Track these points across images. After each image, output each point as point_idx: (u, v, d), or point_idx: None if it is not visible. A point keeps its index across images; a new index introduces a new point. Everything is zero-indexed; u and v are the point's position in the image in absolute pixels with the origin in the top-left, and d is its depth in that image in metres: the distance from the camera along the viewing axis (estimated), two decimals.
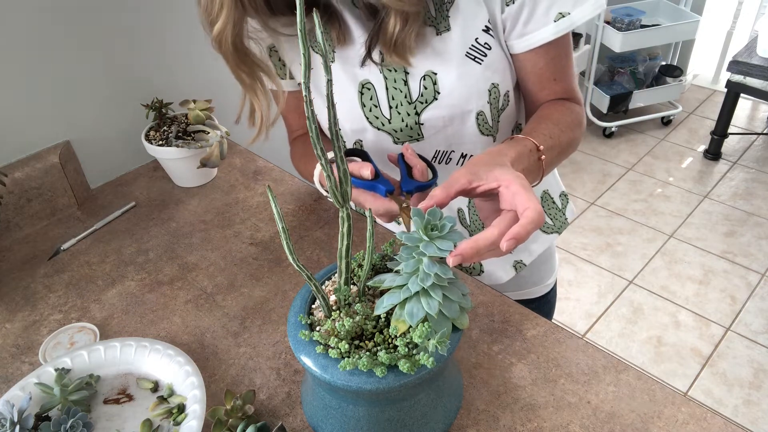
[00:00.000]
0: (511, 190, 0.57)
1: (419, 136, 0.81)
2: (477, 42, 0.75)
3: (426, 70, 0.76)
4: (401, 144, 0.82)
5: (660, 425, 0.66)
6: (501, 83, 0.79)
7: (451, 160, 0.85)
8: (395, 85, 0.78)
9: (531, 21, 0.74)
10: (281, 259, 0.92)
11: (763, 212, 2.62)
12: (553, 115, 0.78)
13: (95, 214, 1.04)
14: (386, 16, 0.71)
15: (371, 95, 0.80)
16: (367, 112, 0.81)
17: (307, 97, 0.50)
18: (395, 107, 0.79)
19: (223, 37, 0.71)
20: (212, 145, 1.04)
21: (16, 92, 0.97)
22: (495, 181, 0.58)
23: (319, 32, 0.48)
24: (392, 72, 0.78)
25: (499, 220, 0.56)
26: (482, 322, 0.79)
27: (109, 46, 1.05)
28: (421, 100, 0.78)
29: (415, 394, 0.59)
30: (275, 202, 0.53)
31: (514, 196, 0.56)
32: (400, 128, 0.81)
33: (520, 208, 0.55)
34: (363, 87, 0.80)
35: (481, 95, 0.77)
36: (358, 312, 0.58)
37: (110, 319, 0.83)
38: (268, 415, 0.69)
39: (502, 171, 0.59)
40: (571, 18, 0.74)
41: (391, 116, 0.80)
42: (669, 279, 2.33)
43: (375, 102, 0.80)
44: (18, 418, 0.63)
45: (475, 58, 0.75)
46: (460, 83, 0.76)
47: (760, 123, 3.23)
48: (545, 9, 0.73)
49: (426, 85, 0.77)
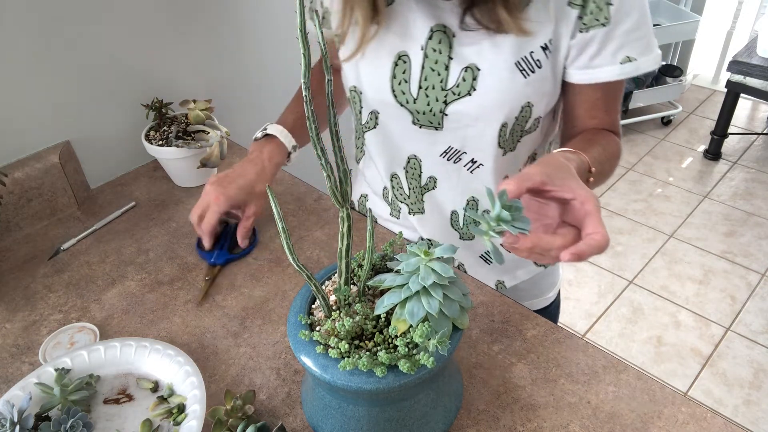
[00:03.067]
0: (585, 208, 0.56)
1: (439, 126, 0.79)
2: (531, 55, 0.73)
3: (471, 62, 0.74)
4: (419, 126, 0.80)
5: (660, 425, 0.66)
6: (536, 106, 0.77)
7: (460, 161, 0.83)
8: (434, 66, 0.75)
9: (598, 56, 0.73)
10: (281, 259, 0.92)
11: (763, 212, 2.62)
12: (601, 141, 0.78)
13: (95, 214, 1.04)
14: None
15: (405, 69, 0.77)
16: (395, 84, 0.78)
17: (307, 96, 0.50)
18: (425, 88, 0.77)
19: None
20: (212, 145, 1.04)
21: (16, 92, 0.97)
22: (570, 192, 0.57)
23: (319, 32, 0.48)
24: (436, 52, 0.75)
25: (566, 232, 0.57)
26: (482, 322, 0.79)
27: (109, 46, 1.05)
28: (454, 90, 0.76)
29: (415, 394, 0.59)
30: (275, 202, 0.53)
31: (585, 215, 0.56)
32: (423, 111, 0.78)
33: (589, 230, 0.55)
34: (399, 58, 0.77)
35: (513, 109, 0.75)
36: (358, 312, 0.58)
37: (110, 319, 0.83)
38: (268, 415, 0.69)
39: (579, 185, 0.58)
40: (637, 64, 0.73)
41: (418, 96, 0.78)
42: (669, 279, 2.33)
43: (406, 77, 0.77)
44: (18, 418, 0.63)
45: (523, 71, 0.73)
46: (499, 88, 0.74)
47: (760, 123, 3.23)
48: (615, 49, 0.72)
49: (465, 77, 0.74)
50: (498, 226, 0.53)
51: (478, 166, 0.82)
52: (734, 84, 2.67)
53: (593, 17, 0.70)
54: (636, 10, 0.71)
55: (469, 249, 0.92)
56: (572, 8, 0.71)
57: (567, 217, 0.59)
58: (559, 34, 0.72)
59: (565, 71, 0.76)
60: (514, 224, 0.53)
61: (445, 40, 0.74)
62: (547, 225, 0.61)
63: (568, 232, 0.57)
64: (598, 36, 0.71)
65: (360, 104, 0.85)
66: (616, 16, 0.70)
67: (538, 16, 0.71)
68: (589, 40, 0.72)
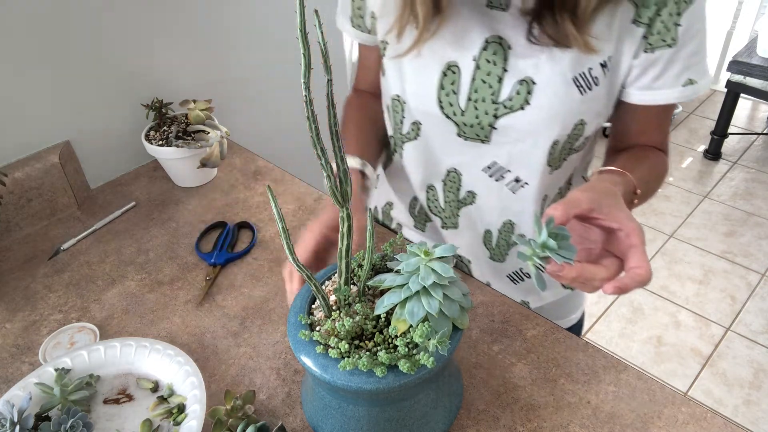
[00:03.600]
0: (630, 240, 0.56)
1: (486, 139, 0.76)
2: (589, 72, 0.70)
3: (526, 75, 0.71)
4: (464, 139, 0.77)
5: (660, 425, 0.66)
6: (588, 125, 0.74)
7: (503, 179, 0.79)
8: (486, 78, 0.72)
9: (661, 78, 0.71)
10: (281, 259, 0.92)
11: (763, 212, 2.62)
12: (650, 161, 0.76)
13: (95, 214, 1.04)
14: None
15: (454, 79, 0.74)
16: (442, 95, 0.75)
17: (307, 97, 0.49)
18: (474, 101, 0.74)
19: None
20: (212, 145, 1.04)
21: (16, 92, 0.97)
22: (617, 223, 0.57)
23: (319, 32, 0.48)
24: (489, 64, 0.72)
25: (610, 264, 0.56)
26: (482, 322, 0.79)
27: (109, 46, 1.05)
28: (507, 104, 0.72)
29: (415, 394, 0.59)
30: (275, 202, 0.53)
31: (630, 248, 0.56)
32: (471, 124, 0.75)
33: (633, 263, 0.55)
34: (449, 68, 0.74)
35: (566, 126, 0.73)
36: (358, 312, 0.58)
37: (110, 319, 0.83)
38: (268, 415, 0.69)
39: (626, 215, 0.57)
40: (697, 87, 0.71)
41: (466, 108, 0.75)
42: (669, 279, 2.33)
43: (455, 88, 0.74)
44: (18, 418, 0.63)
45: (580, 87, 0.70)
46: (554, 104, 0.71)
47: (760, 123, 3.23)
48: (678, 71, 0.70)
49: (519, 90, 0.71)
50: (543, 252, 0.53)
51: (522, 186, 0.79)
52: (734, 84, 2.67)
53: (660, 37, 0.68)
54: (701, 31, 0.69)
55: (497, 269, 0.90)
56: (637, 26, 0.68)
57: (610, 247, 0.58)
58: (621, 52, 0.70)
59: (623, 90, 0.74)
60: (559, 252, 0.53)
61: (500, 51, 0.71)
62: (589, 249, 0.60)
63: (612, 264, 0.56)
64: (664, 57, 0.69)
65: (402, 114, 0.82)
66: (684, 38, 0.68)
67: (601, 32, 0.68)
68: (654, 60, 0.69)
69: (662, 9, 0.67)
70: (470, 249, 0.90)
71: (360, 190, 0.78)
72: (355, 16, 0.83)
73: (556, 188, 0.83)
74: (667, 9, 0.67)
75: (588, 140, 0.79)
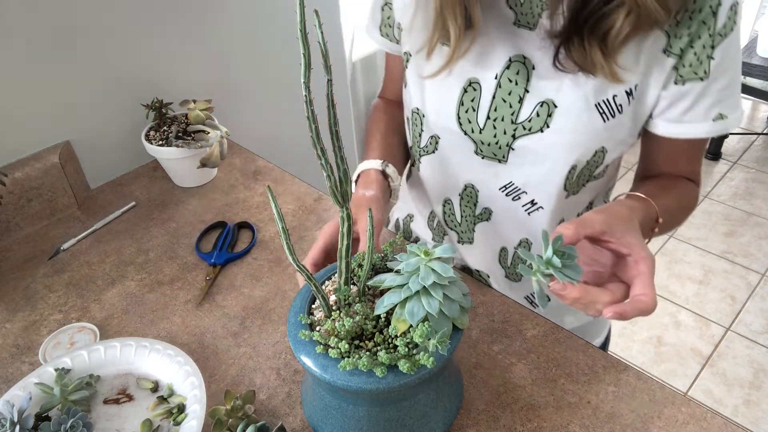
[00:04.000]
0: (638, 268, 0.55)
1: (503, 159, 0.75)
2: (614, 99, 0.68)
3: (548, 97, 0.69)
4: (481, 157, 0.76)
5: (660, 425, 0.66)
6: (609, 153, 0.72)
7: (519, 199, 0.78)
8: (506, 97, 0.71)
9: (691, 111, 0.68)
10: (281, 259, 0.92)
11: (763, 212, 2.62)
12: (677, 191, 0.75)
13: (95, 214, 1.04)
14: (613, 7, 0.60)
15: (474, 96, 0.73)
16: (462, 111, 0.74)
17: (307, 97, 0.50)
18: (493, 119, 0.73)
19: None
20: (212, 145, 1.04)
21: (16, 92, 0.97)
22: (627, 248, 0.56)
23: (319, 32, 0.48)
24: (511, 83, 0.71)
25: (615, 288, 0.56)
26: (482, 322, 0.79)
27: (109, 46, 1.05)
28: (525, 125, 0.71)
29: (415, 394, 0.59)
30: (275, 202, 0.53)
31: (638, 275, 0.55)
32: (488, 143, 0.74)
33: (637, 290, 0.54)
34: (470, 85, 0.73)
35: (586, 152, 0.71)
36: (358, 312, 0.58)
37: (110, 319, 0.83)
38: (268, 415, 0.69)
39: (638, 242, 0.57)
40: (727, 122, 0.69)
41: (485, 126, 0.74)
42: (669, 279, 2.33)
43: (475, 105, 0.73)
44: (18, 418, 0.63)
45: (603, 113, 0.68)
46: (575, 129, 0.69)
47: (760, 123, 3.24)
48: (709, 105, 0.68)
49: (540, 112, 0.70)
50: (547, 269, 0.53)
51: (537, 209, 0.78)
52: None
53: (692, 70, 0.66)
54: (734, 66, 0.67)
55: (513, 289, 0.89)
56: (668, 56, 0.65)
57: (618, 271, 0.58)
58: (649, 81, 0.67)
59: (650, 120, 0.71)
60: (563, 271, 0.53)
61: (523, 71, 0.70)
62: (597, 272, 0.60)
63: (618, 289, 0.56)
64: (695, 90, 0.67)
65: (421, 127, 0.81)
66: (716, 72, 0.66)
67: (628, 60, 0.65)
68: (685, 93, 0.67)
69: (695, 41, 0.64)
70: (487, 265, 0.89)
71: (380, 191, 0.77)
72: (384, 25, 0.83)
73: (574, 213, 0.82)
74: (700, 41, 0.64)
75: (608, 170, 0.78)
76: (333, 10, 1.46)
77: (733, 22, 0.64)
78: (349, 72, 1.68)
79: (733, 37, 0.65)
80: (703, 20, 0.63)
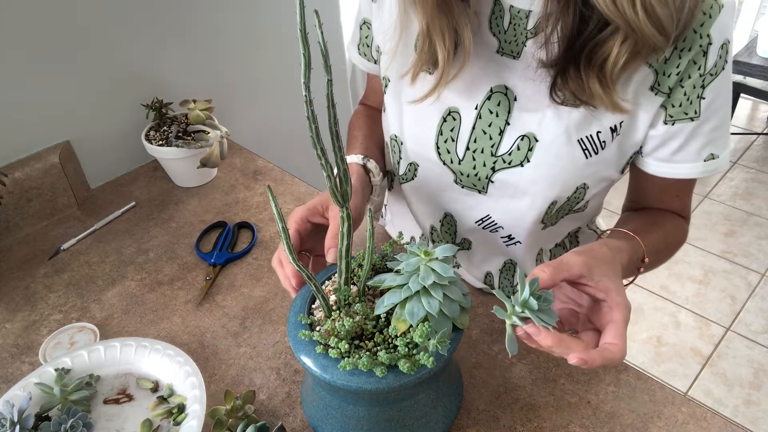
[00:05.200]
0: (612, 315, 0.54)
1: (483, 190, 0.73)
2: (597, 135, 0.65)
3: (529, 131, 0.67)
4: (460, 186, 0.75)
5: (660, 425, 0.66)
6: (590, 189, 0.70)
7: (496, 233, 0.78)
8: (487, 129, 0.69)
9: (682, 151, 0.66)
10: None
11: (763, 212, 2.62)
12: (666, 227, 0.73)
13: (95, 214, 1.04)
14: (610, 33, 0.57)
15: (453, 126, 0.71)
16: (441, 141, 0.72)
17: (307, 97, 0.49)
18: (473, 150, 0.71)
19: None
20: (212, 145, 1.04)
21: (16, 92, 0.97)
22: (603, 293, 0.54)
23: (319, 32, 0.48)
24: (492, 115, 0.69)
25: (589, 339, 0.54)
26: (482, 322, 0.79)
27: (108, 46, 1.05)
28: (506, 158, 0.69)
29: (415, 394, 0.59)
30: (275, 202, 0.53)
31: (609, 323, 0.53)
32: (468, 174, 0.73)
33: (608, 338, 0.52)
34: (449, 114, 0.71)
35: (566, 188, 0.69)
36: (358, 312, 0.58)
37: (110, 319, 0.83)
38: (268, 415, 0.69)
39: (616, 290, 0.55)
40: (718, 162, 0.67)
41: (464, 158, 0.72)
42: (669, 279, 2.33)
43: (454, 135, 0.71)
44: (18, 418, 0.63)
45: (585, 150, 0.66)
46: (555, 164, 0.67)
47: (760, 123, 3.23)
48: (700, 146, 0.66)
49: (520, 146, 0.68)
50: (522, 312, 0.52)
51: (515, 243, 0.78)
52: (734, 84, 2.67)
53: (681, 110, 0.64)
54: (725, 105, 0.65)
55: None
56: (656, 94, 0.63)
57: (593, 316, 0.56)
58: (636, 118, 0.65)
59: (639, 158, 0.70)
60: (539, 315, 0.51)
61: (504, 102, 0.68)
62: (572, 311, 0.59)
63: (591, 340, 0.54)
64: (685, 130, 0.65)
65: (399, 154, 0.79)
66: (707, 112, 0.64)
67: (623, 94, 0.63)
68: (675, 133, 0.65)
69: (685, 80, 0.62)
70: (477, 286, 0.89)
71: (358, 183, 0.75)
72: (362, 44, 0.82)
73: (552, 243, 0.82)
74: (690, 81, 0.62)
75: (588, 205, 0.76)
76: (333, 10, 1.46)
77: (724, 61, 0.62)
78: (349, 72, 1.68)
79: (724, 76, 0.63)
80: (693, 59, 0.61)
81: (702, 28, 0.59)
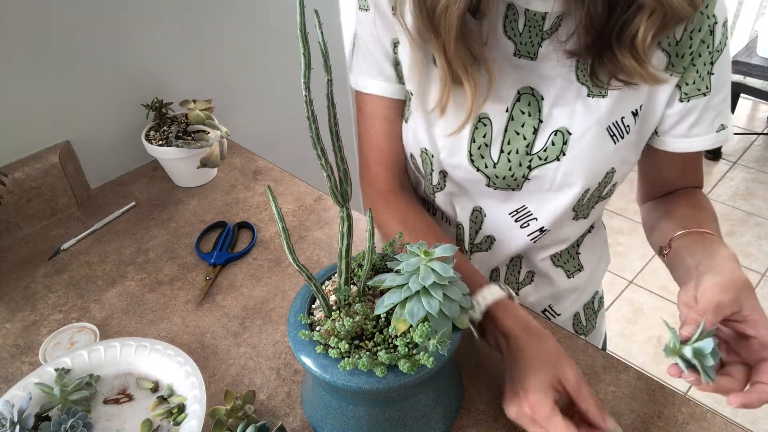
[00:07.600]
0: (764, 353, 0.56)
1: (517, 187, 0.75)
2: (622, 120, 0.69)
3: (562, 125, 0.70)
4: (494, 188, 0.75)
5: (660, 425, 0.66)
6: (617, 172, 0.74)
7: (528, 226, 0.78)
8: (520, 129, 0.71)
9: (697, 125, 0.71)
10: (281, 259, 0.92)
11: (763, 212, 2.62)
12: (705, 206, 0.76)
13: (95, 214, 1.04)
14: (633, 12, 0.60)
15: (485, 132, 0.71)
16: (474, 148, 0.72)
17: (307, 97, 0.50)
18: (507, 152, 0.72)
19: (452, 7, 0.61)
20: (212, 145, 1.04)
21: (16, 92, 0.97)
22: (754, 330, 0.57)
23: (319, 32, 0.48)
24: (524, 115, 0.70)
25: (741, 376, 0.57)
26: None
27: (108, 46, 1.05)
28: (541, 155, 0.71)
29: (415, 394, 0.59)
30: (275, 202, 0.53)
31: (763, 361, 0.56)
32: (503, 176, 0.73)
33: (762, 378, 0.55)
34: (479, 121, 0.71)
35: (598, 174, 0.72)
36: (358, 312, 0.58)
37: (110, 319, 0.83)
38: (268, 415, 0.69)
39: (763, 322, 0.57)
40: (727, 131, 0.72)
41: (499, 161, 0.72)
42: (669, 279, 2.31)
43: (487, 141, 0.72)
44: (18, 418, 0.63)
45: (614, 136, 0.70)
46: (589, 154, 0.70)
47: (760, 123, 3.24)
48: (712, 117, 0.71)
49: (555, 141, 0.70)
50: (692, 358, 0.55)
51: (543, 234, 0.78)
52: (734, 84, 2.67)
53: (695, 86, 0.68)
54: (729, 78, 0.70)
55: None
56: (671, 75, 0.67)
57: (739, 348, 0.59)
58: (654, 100, 0.69)
59: (657, 138, 0.74)
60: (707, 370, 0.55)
61: (533, 102, 0.70)
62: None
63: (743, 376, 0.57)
64: (699, 105, 0.69)
65: (431, 166, 0.78)
66: (716, 86, 0.69)
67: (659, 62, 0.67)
68: (690, 109, 0.69)
69: (696, 59, 0.66)
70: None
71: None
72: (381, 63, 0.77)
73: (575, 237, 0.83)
74: (701, 59, 0.67)
75: (613, 189, 0.79)
76: (333, 10, 1.46)
77: (726, 38, 0.67)
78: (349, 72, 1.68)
79: (726, 51, 0.68)
80: (702, 39, 0.65)
81: (707, 9, 0.64)
